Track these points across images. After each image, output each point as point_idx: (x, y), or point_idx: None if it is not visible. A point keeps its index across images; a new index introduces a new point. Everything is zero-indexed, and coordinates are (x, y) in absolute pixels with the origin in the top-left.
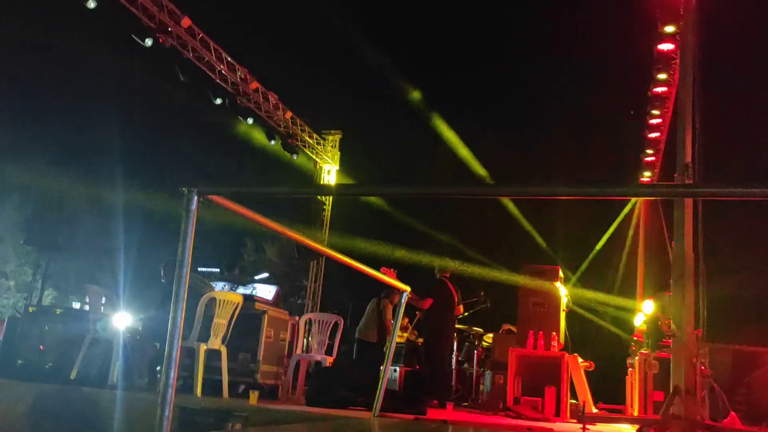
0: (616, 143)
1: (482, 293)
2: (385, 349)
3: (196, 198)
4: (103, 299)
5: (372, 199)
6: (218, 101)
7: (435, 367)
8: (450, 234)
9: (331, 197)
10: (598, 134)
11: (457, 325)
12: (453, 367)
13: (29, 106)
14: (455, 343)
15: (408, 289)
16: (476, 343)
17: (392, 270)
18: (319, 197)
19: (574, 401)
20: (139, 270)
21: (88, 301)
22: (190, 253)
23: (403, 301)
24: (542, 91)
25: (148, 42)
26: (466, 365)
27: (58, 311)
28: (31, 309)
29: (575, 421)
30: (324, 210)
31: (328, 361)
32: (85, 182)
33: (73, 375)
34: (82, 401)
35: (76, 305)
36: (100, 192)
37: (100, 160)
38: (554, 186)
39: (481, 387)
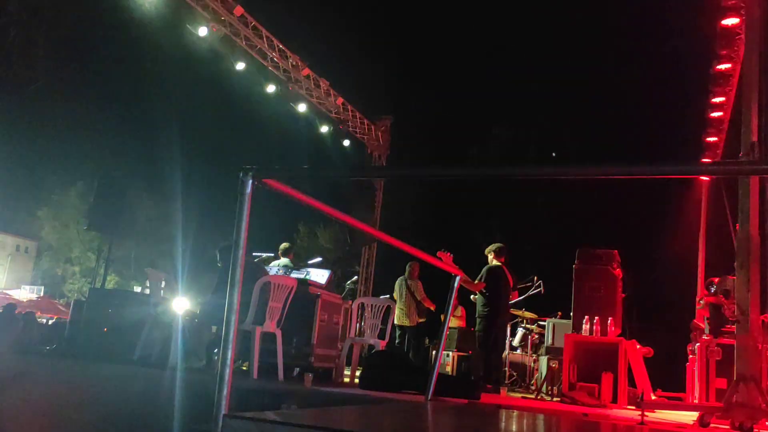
0: (677, 125)
1: (535, 278)
2: (438, 334)
3: (251, 182)
4: (163, 283)
5: (424, 182)
6: (271, 88)
7: (489, 352)
8: (504, 217)
9: (383, 181)
10: (658, 116)
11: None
12: (506, 352)
13: (94, 96)
14: (509, 328)
15: (461, 273)
16: (530, 328)
17: (448, 254)
18: (371, 181)
19: (632, 388)
20: (197, 255)
21: (148, 285)
22: (245, 237)
23: (455, 285)
24: (600, 72)
25: (203, 31)
26: (519, 350)
27: (128, 292)
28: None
29: (634, 407)
30: (376, 194)
31: (381, 344)
32: (145, 170)
33: (135, 355)
34: (145, 381)
35: (137, 289)
36: (159, 179)
37: (159, 148)
38: (613, 165)
39: (535, 373)
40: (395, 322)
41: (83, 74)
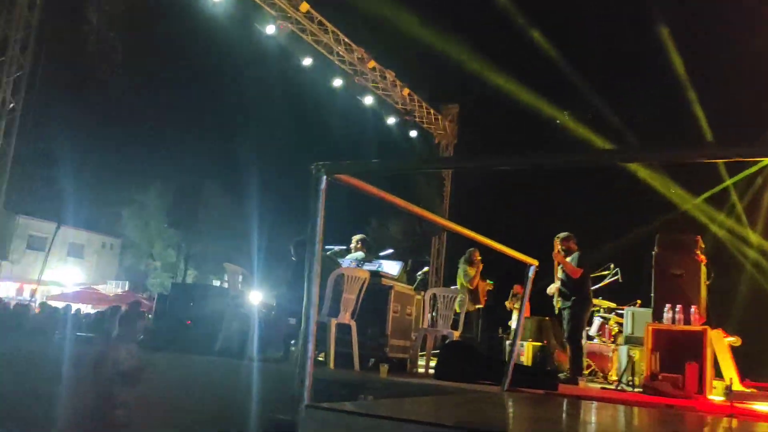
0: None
1: (612, 265)
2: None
3: (324, 178)
4: (240, 277)
5: (493, 171)
6: (337, 82)
7: (576, 343)
8: (577, 204)
9: (451, 171)
10: (738, 94)
11: None
12: (584, 342)
13: (168, 99)
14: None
15: (536, 262)
16: (607, 318)
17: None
18: (439, 171)
19: (718, 379)
20: (270, 250)
21: (226, 278)
22: (321, 231)
23: (530, 275)
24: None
25: (270, 29)
26: (596, 340)
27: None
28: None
29: (722, 399)
30: (444, 184)
31: (455, 335)
32: (220, 169)
33: (216, 347)
34: (227, 372)
35: (216, 283)
36: (233, 177)
37: (232, 147)
38: (698, 148)
39: (614, 363)
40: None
41: (157, 78)
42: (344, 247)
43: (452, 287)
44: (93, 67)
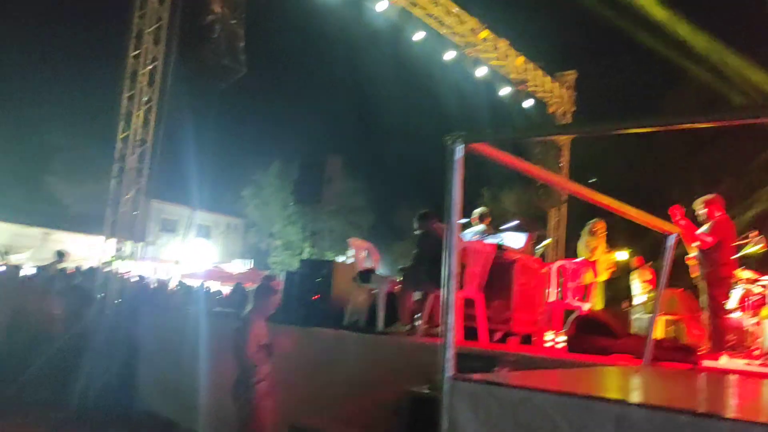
0: None
1: (756, 233)
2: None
3: (460, 148)
4: (365, 252)
5: (613, 138)
6: (449, 55)
7: (712, 314)
8: (708, 171)
9: (569, 141)
10: None
11: None
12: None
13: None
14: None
15: (676, 230)
16: (749, 289)
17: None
18: (555, 141)
19: None
20: (397, 223)
21: (351, 254)
22: (459, 204)
23: (670, 244)
24: None
25: (381, 6)
26: (738, 313)
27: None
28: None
29: None
30: (561, 155)
31: (584, 308)
32: (342, 144)
33: (345, 321)
34: (360, 345)
35: (339, 259)
36: (353, 153)
37: (348, 125)
38: None
39: (757, 336)
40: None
41: (275, 62)
42: (463, 221)
43: (580, 259)
44: (217, 55)
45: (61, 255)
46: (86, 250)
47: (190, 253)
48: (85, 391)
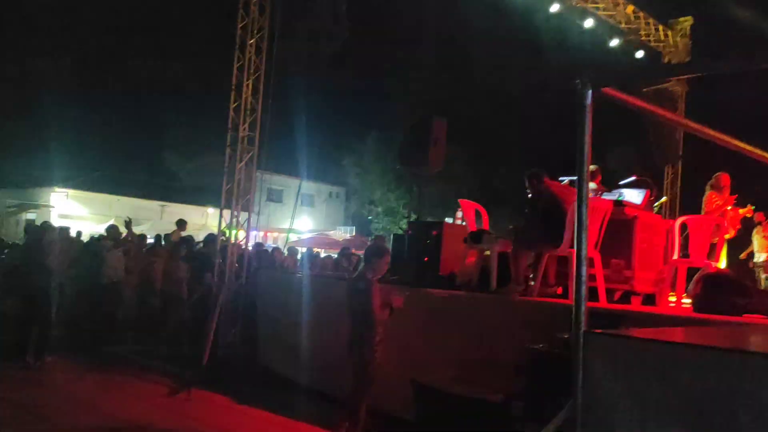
0: None
1: None
2: None
3: (590, 92)
4: (474, 213)
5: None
6: (554, 7)
7: None
8: None
9: (684, 91)
10: None
11: None
12: None
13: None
14: None
15: None
16: None
17: None
18: (673, 94)
19: None
20: (499, 186)
21: (461, 215)
22: (589, 153)
23: None
24: None
25: None
26: None
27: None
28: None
29: None
30: (677, 107)
31: (710, 266)
32: (443, 107)
33: (456, 282)
34: (474, 305)
35: (448, 220)
36: (456, 113)
37: (453, 82)
38: None
39: None
40: None
41: (374, 25)
42: (573, 179)
43: (704, 214)
44: (321, 21)
45: (181, 224)
46: (199, 219)
47: (296, 222)
48: (213, 348)
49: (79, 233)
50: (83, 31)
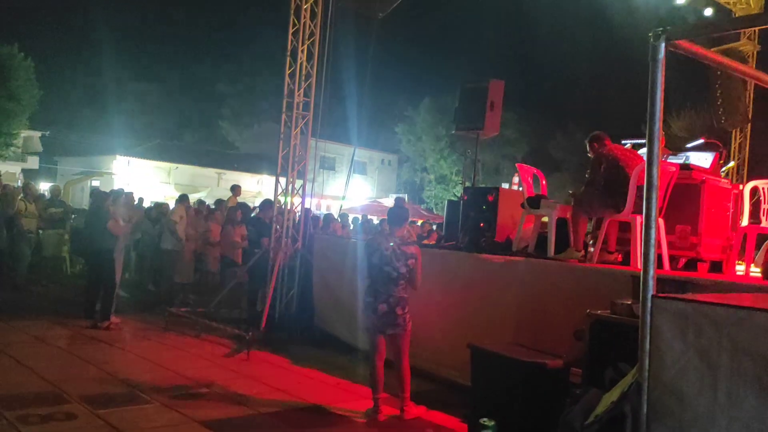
0: None
1: None
2: None
3: (664, 45)
4: (532, 178)
5: None
6: None
7: None
8: None
9: (755, 51)
10: None
11: None
12: None
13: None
14: None
15: None
16: None
17: None
18: (739, 51)
19: None
20: (553, 153)
21: (518, 180)
22: (661, 108)
23: None
24: None
25: None
26: None
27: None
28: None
29: None
30: (747, 62)
31: None
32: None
33: (513, 248)
34: (533, 270)
35: (504, 186)
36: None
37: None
38: None
39: None
40: None
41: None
42: (641, 141)
43: None
44: (375, 5)
45: (235, 189)
46: (254, 186)
47: (349, 189)
48: (271, 311)
49: (141, 200)
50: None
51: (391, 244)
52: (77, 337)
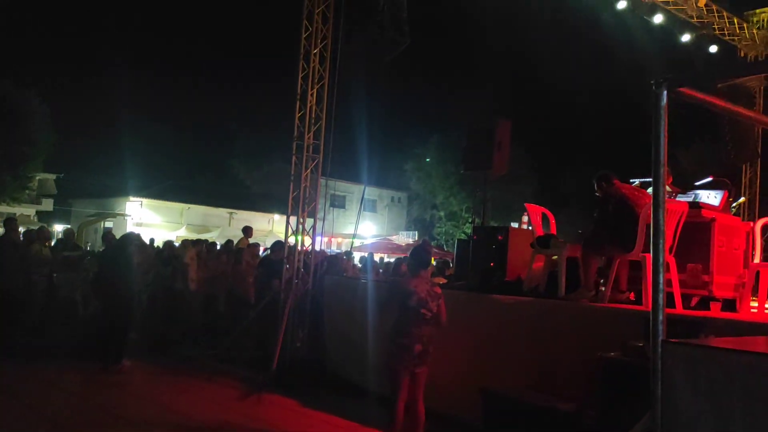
0: None
1: None
2: None
3: (666, 93)
4: (541, 217)
5: None
6: (621, 4)
7: None
8: None
9: (761, 87)
10: None
11: None
12: None
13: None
14: None
15: None
16: None
17: None
18: (747, 88)
19: None
20: (562, 189)
21: (527, 219)
22: (665, 155)
23: None
24: None
25: None
26: None
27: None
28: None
29: None
30: (755, 103)
31: None
32: (503, 111)
33: (524, 288)
34: (543, 311)
35: (514, 225)
36: (517, 117)
37: (513, 86)
38: None
39: None
40: None
41: (433, 32)
42: (648, 180)
43: None
44: (382, 27)
45: (247, 231)
46: (265, 225)
47: (359, 227)
48: (282, 353)
49: (152, 240)
50: (157, 45)
51: (427, 286)
52: (89, 381)
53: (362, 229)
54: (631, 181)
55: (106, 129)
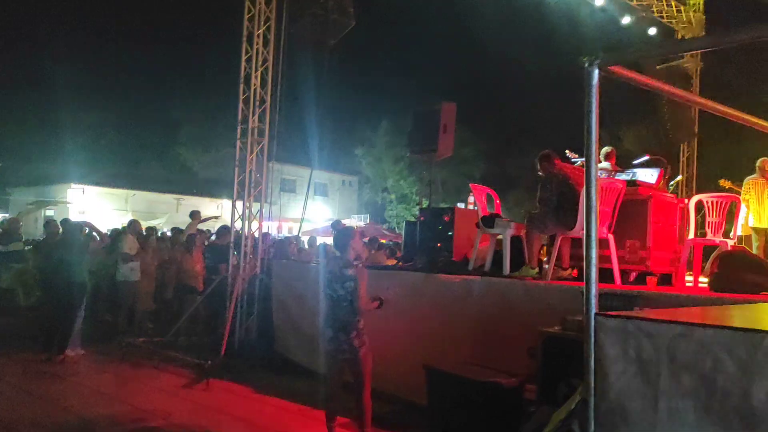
0: None
1: None
2: None
3: (597, 71)
4: (486, 197)
5: (745, 60)
6: None
7: None
8: None
9: (699, 68)
10: None
11: None
12: None
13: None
14: None
15: None
16: None
17: None
18: (686, 71)
19: None
20: (509, 171)
21: (473, 200)
22: (597, 134)
23: None
24: None
25: None
26: None
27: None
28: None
29: None
30: (691, 83)
31: (728, 245)
32: (450, 94)
33: (470, 267)
34: (488, 289)
35: (461, 205)
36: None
37: (460, 68)
38: None
39: None
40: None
41: (379, 14)
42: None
43: (724, 193)
44: (326, 10)
45: (195, 215)
46: (214, 211)
47: (310, 211)
48: (230, 339)
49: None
50: (96, 30)
51: (335, 268)
52: (32, 372)
53: (314, 213)
54: (573, 160)
55: (46, 115)
